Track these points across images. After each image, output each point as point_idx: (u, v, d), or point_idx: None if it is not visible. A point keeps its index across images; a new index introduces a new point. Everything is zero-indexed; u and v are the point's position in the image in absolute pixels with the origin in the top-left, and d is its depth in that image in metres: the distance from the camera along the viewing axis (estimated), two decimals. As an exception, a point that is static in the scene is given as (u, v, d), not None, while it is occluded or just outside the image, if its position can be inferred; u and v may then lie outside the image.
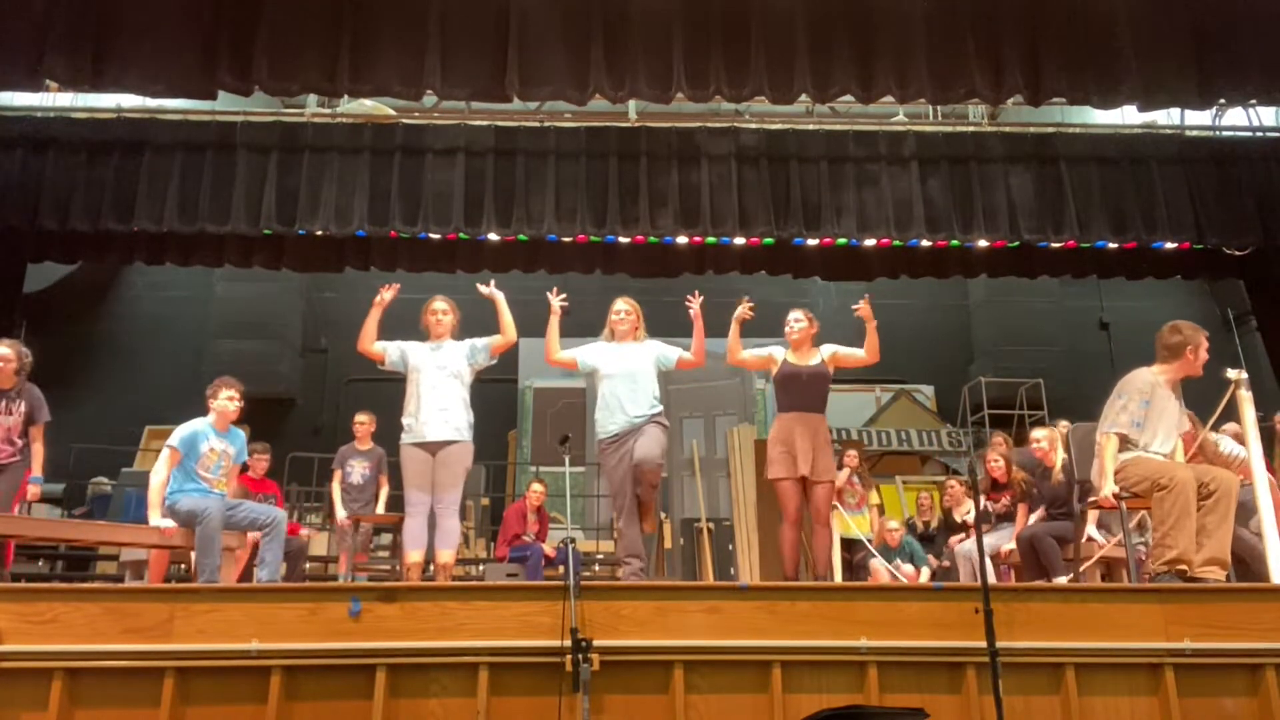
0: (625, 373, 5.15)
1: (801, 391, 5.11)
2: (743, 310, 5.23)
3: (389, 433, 6.19)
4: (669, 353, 5.32)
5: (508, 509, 8.05)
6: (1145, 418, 4.47)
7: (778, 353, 5.24)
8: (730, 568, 8.94)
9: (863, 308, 5.17)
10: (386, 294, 5.24)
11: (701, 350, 5.31)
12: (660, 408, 5.19)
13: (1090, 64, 6.65)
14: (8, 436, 5.28)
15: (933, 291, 11.23)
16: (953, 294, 11.78)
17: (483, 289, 5.39)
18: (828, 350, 5.24)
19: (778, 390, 5.21)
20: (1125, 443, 4.51)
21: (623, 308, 5.39)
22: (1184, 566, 4.11)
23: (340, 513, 6.75)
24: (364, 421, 6.97)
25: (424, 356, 5.24)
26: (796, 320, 5.25)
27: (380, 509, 6.80)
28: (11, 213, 7.95)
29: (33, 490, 5.37)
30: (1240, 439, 5.01)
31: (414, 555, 5.07)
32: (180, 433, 5.25)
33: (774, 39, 6.70)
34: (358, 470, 6.89)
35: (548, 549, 7.24)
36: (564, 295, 5.40)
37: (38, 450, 5.36)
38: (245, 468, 6.47)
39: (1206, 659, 3.71)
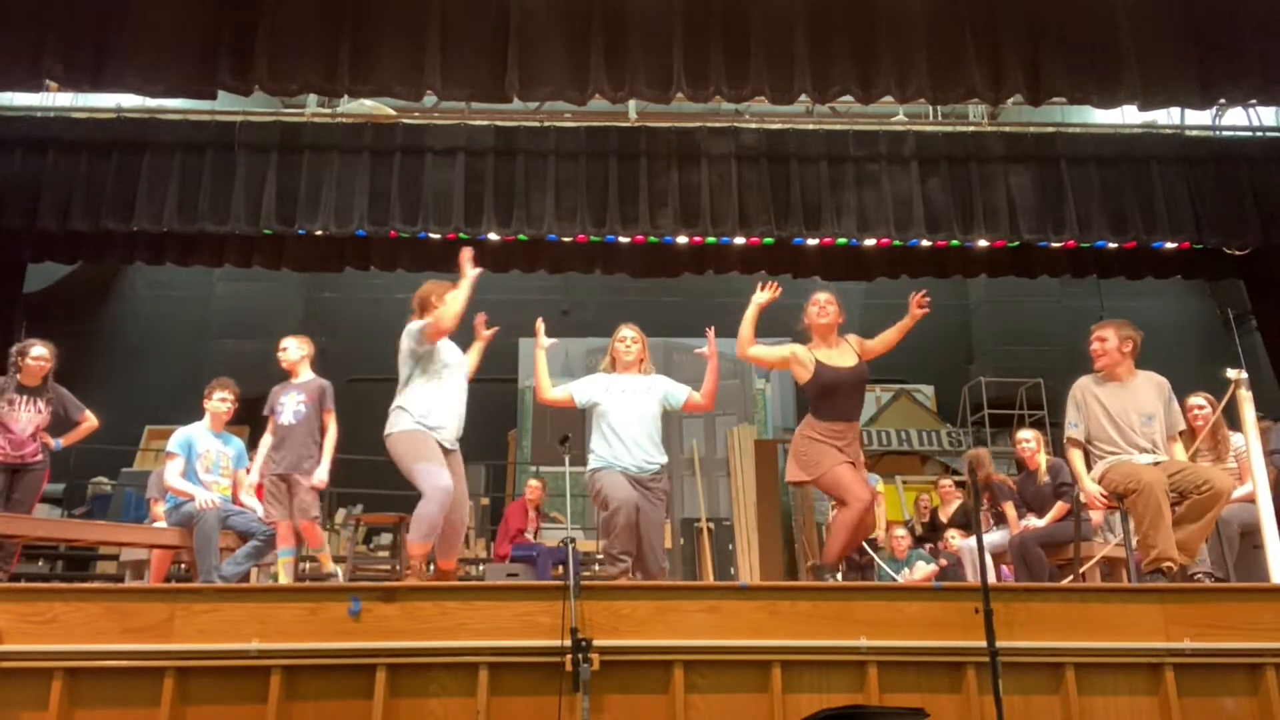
0: (632, 413, 4.69)
1: (847, 400, 4.57)
2: (767, 295, 4.63)
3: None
4: (677, 392, 4.88)
5: (509, 506, 8.09)
6: (1082, 420, 4.70)
7: (803, 352, 4.63)
8: (730, 568, 8.95)
9: (922, 302, 4.76)
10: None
11: (713, 394, 4.87)
12: (665, 457, 4.81)
13: (1090, 64, 6.65)
14: (35, 434, 5.53)
15: (933, 291, 11.08)
16: (953, 294, 11.77)
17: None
18: (855, 342, 4.74)
19: (817, 398, 4.58)
20: (1089, 446, 4.70)
21: (629, 335, 4.89)
22: (1168, 563, 4.19)
23: (252, 475, 5.39)
24: (287, 348, 5.43)
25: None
26: (829, 303, 4.67)
27: (327, 458, 5.25)
28: (11, 213, 7.94)
29: (48, 439, 5.64)
30: None
31: (425, 547, 4.58)
32: (175, 438, 5.41)
33: (774, 39, 6.69)
34: (290, 406, 5.25)
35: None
36: (545, 327, 4.93)
37: (83, 431, 5.74)
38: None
39: (1206, 659, 3.71)
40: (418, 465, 4.40)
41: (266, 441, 5.36)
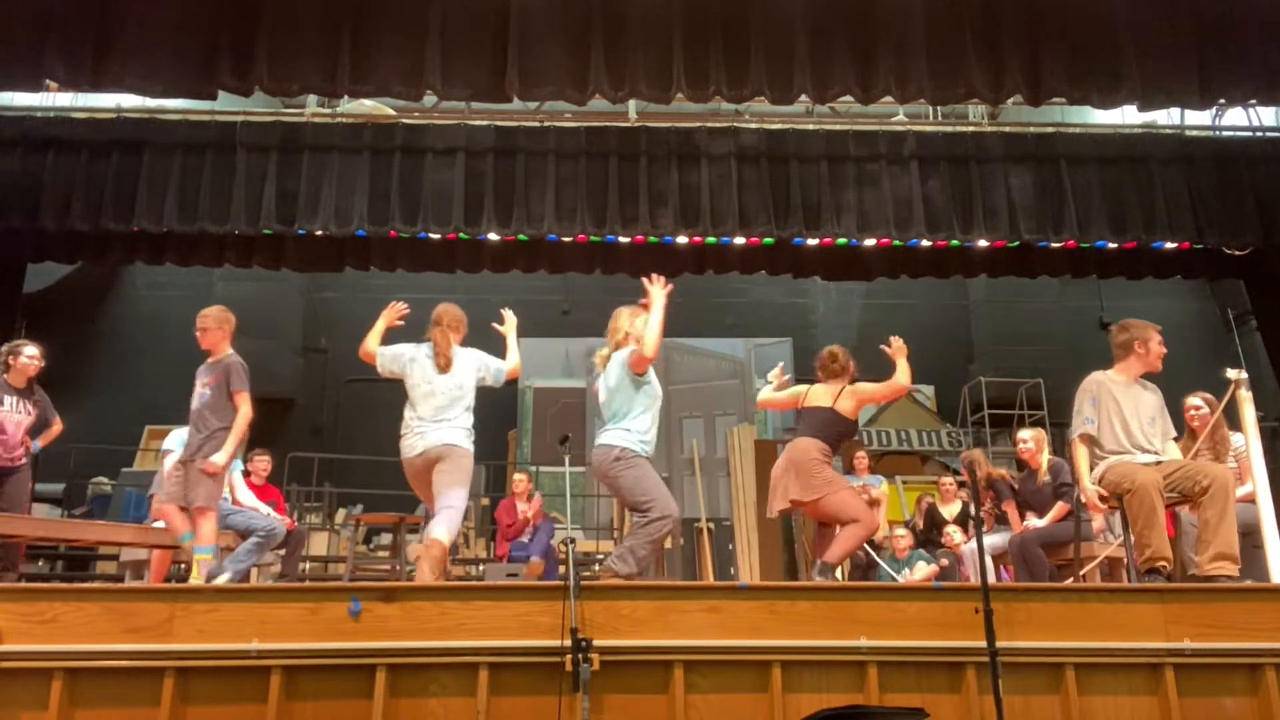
0: (662, 395, 4.72)
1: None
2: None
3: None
4: None
5: (497, 508, 8.12)
6: (1097, 416, 4.57)
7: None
8: (730, 567, 8.96)
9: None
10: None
11: (655, 345, 4.80)
12: None
13: (1090, 64, 6.64)
14: (21, 437, 5.53)
15: (933, 291, 11.23)
16: (953, 294, 11.78)
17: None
18: None
19: (844, 436, 4.99)
20: (1095, 445, 4.59)
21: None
22: (1163, 563, 4.20)
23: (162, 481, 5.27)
24: (205, 329, 5.16)
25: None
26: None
27: (230, 441, 4.79)
28: (11, 213, 7.95)
29: (28, 441, 5.65)
30: None
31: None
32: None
33: (774, 39, 6.69)
34: (197, 389, 4.96)
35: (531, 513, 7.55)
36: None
37: (54, 433, 5.84)
38: (246, 473, 6.52)
39: (1206, 659, 3.71)
40: (462, 489, 4.72)
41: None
